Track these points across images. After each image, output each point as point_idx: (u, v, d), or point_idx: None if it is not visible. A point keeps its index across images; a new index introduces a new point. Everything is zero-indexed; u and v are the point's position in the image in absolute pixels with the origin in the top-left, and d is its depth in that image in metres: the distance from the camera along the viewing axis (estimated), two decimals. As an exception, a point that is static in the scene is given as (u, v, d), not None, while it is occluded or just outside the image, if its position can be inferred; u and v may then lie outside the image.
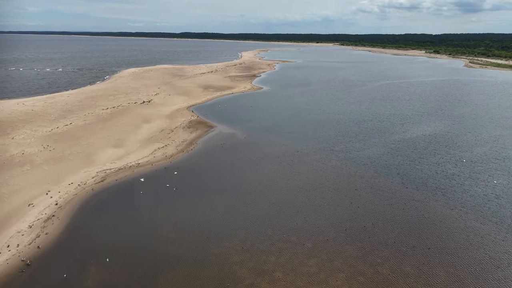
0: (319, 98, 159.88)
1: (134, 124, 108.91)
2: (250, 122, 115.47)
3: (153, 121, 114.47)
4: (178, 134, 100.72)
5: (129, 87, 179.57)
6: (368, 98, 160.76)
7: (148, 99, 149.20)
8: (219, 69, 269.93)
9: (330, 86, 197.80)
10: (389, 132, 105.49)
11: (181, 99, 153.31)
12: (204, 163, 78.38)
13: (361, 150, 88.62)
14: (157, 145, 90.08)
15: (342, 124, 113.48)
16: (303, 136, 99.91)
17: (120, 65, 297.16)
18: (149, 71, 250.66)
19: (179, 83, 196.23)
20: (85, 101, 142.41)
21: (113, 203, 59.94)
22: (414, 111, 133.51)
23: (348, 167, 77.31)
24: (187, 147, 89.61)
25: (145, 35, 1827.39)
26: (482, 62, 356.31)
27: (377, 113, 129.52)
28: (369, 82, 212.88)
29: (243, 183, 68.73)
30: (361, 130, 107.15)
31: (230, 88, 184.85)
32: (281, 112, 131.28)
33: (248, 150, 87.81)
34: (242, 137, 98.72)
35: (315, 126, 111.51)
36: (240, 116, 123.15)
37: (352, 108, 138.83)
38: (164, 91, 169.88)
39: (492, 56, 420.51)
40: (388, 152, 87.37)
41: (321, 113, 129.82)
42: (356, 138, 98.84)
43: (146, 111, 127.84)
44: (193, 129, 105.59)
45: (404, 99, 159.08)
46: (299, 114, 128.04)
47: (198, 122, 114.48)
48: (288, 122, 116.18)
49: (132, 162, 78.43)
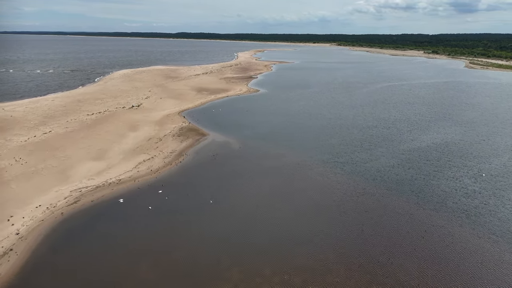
0: (319, 101, 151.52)
1: (119, 133, 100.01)
2: (246, 128, 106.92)
3: (140, 128, 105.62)
4: (166, 143, 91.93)
5: (119, 90, 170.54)
6: (370, 101, 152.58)
7: (138, 103, 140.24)
8: (214, 70, 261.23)
9: (329, 88, 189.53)
10: (396, 140, 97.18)
11: (172, 103, 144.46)
12: (193, 179, 69.66)
13: (369, 161, 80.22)
14: (143, 157, 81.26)
15: (345, 131, 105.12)
16: (304, 145, 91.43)
17: (113, 66, 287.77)
18: (141, 72, 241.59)
19: (172, 86, 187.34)
20: (70, 105, 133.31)
21: (83, 232, 51.09)
22: (421, 116, 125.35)
23: (355, 182, 68.86)
24: (175, 159, 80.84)
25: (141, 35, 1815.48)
26: (482, 63, 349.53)
27: (381, 119, 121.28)
28: (370, 84, 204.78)
29: (236, 205, 60.11)
30: (366, 137, 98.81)
31: (225, 90, 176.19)
32: (279, 117, 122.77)
33: (243, 162, 79.19)
34: (237, 146, 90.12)
35: (316, 133, 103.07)
36: (235, 122, 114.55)
37: (354, 112, 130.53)
38: (155, 94, 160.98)
39: (492, 57, 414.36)
40: (399, 164, 79.01)
41: (321, 118, 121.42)
42: (362, 147, 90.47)
43: (134, 116, 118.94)
44: (184, 138, 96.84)
45: (408, 102, 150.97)
46: (298, 119, 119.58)
47: (190, 129, 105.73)
48: (287, 129, 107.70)
49: (112, 178, 69.61)
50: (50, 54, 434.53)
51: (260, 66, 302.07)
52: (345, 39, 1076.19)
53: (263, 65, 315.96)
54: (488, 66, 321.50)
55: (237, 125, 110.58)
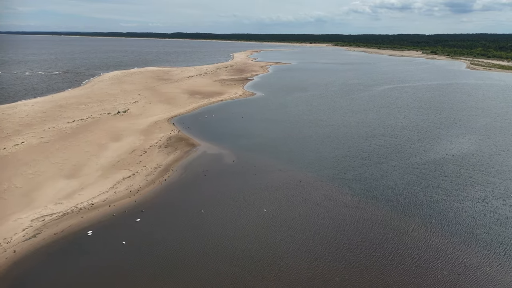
0: (319, 106, 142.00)
1: (100, 143, 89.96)
2: (241, 138, 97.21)
3: (124, 138, 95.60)
4: (151, 156, 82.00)
5: (106, 93, 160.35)
6: (373, 106, 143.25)
7: (124, 108, 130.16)
8: (208, 72, 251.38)
9: (329, 91, 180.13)
10: (407, 151, 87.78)
11: (162, 108, 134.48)
12: (178, 203, 59.83)
13: (380, 178, 70.72)
14: (123, 174, 71.34)
15: (350, 140, 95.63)
16: (305, 158, 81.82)
17: (104, 67, 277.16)
18: (132, 74, 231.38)
19: (163, 89, 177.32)
20: (51, 111, 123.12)
21: (36, 281, 41.14)
22: (430, 123, 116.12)
23: (367, 206, 59.31)
24: (159, 176, 70.95)
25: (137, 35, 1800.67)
26: (484, 64, 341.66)
27: (388, 125, 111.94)
28: (371, 87, 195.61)
29: (228, 239, 50.37)
30: (374, 148, 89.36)
31: (220, 94, 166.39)
32: (276, 124, 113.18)
33: (237, 180, 69.44)
34: (230, 159, 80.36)
35: (317, 143, 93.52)
36: (229, 130, 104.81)
37: (358, 118, 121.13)
38: (144, 98, 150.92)
39: (492, 57, 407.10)
40: (414, 181, 69.55)
41: (323, 125, 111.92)
42: (370, 160, 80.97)
43: (119, 124, 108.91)
44: (171, 149, 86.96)
45: (414, 107, 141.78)
46: (298, 126, 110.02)
47: (179, 138, 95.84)
48: (286, 138, 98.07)
49: (84, 201, 59.65)
50: (44, 54, 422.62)
51: (256, 67, 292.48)
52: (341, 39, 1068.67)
53: (260, 66, 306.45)
54: (490, 67, 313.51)
55: (231, 134, 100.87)
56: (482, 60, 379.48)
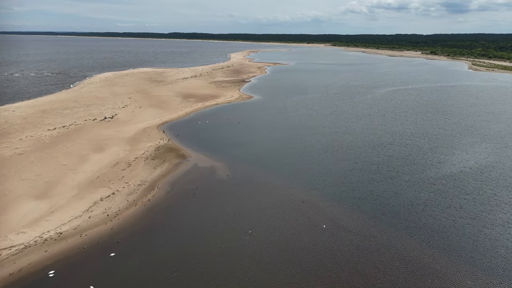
0: (320, 110, 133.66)
1: (80, 155, 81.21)
2: (236, 148, 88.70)
3: (108, 148, 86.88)
4: (136, 170, 73.36)
5: (95, 97, 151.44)
6: (378, 110, 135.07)
7: (112, 113, 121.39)
8: (204, 73, 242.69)
9: (329, 94, 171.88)
10: (420, 163, 79.53)
11: (153, 113, 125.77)
12: (161, 232, 51.27)
13: (393, 196, 62.41)
14: (101, 193, 62.69)
15: (356, 150, 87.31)
16: (308, 172, 73.42)
17: (97, 68, 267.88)
18: (124, 76, 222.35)
19: (155, 91, 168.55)
20: (32, 117, 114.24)
21: None
22: (440, 129, 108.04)
23: (383, 234, 50.95)
24: (143, 195, 62.35)
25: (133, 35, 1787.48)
26: (485, 64, 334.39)
27: (395, 133, 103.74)
28: (373, 89, 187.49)
29: (219, 280, 41.88)
30: (383, 160, 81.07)
31: (215, 97, 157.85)
32: (275, 131, 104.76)
33: (231, 200, 60.94)
34: (224, 174, 71.86)
35: (321, 153, 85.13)
36: (223, 139, 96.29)
37: (362, 124, 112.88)
38: (134, 102, 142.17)
39: (493, 58, 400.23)
40: (432, 200, 61.26)
41: (325, 132, 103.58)
42: (380, 174, 72.66)
43: (104, 132, 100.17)
44: (159, 162, 78.35)
45: (420, 111, 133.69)
46: (299, 134, 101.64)
47: (168, 149, 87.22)
48: (286, 148, 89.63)
49: (52, 229, 51.01)
50: (37, 55, 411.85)
51: (253, 68, 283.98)
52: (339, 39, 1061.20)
53: (257, 67, 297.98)
54: (493, 68, 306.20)
55: (226, 143, 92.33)
56: (483, 61, 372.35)
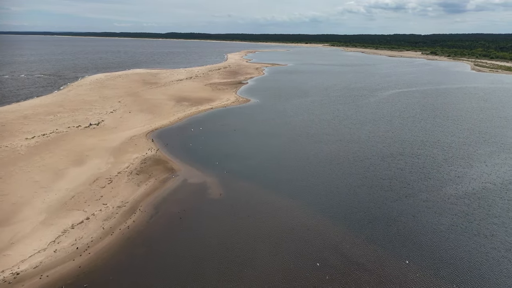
0: (322, 115, 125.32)
1: (57, 169, 72.58)
2: (231, 159, 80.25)
3: (89, 160, 78.25)
4: (117, 188, 64.80)
5: (82, 100, 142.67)
6: (383, 114, 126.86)
7: (98, 119, 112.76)
8: (199, 75, 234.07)
9: (331, 96, 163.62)
10: (436, 177, 71.29)
11: (143, 118, 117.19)
12: (140, 270, 42.74)
13: (412, 221, 54.04)
14: (73, 218, 54.11)
15: (364, 162, 78.96)
16: (312, 190, 65.04)
17: (91, 69, 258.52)
18: (117, 77, 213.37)
19: (148, 94, 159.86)
20: (11, 124, 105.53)
21: None
22: (452, 137, 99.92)
23: (410, 277, 42.59)
24: (122, 220, 53.79)
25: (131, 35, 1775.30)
26: (488, 65, 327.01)
27: (404, 141, 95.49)
28: (376, 91, 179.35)
29: None
30: (395, 174, 72.75)
31: (210, 100, 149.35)
32: (274, 140, 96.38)
33: (224, 227, 52.47)
34: (217, 192, 63.41)
35: (325, 166, 76.78)
36: (217, 148, 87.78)
37: (368, 131, 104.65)
38: (124, 106, 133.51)
39: (495, 58, 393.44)
40: (458, 227, 52.97)
41: (328, 141, 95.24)
42: (393, 191, 64.34)
43: (87, 141, 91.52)
44: (144, 177, 69.81)
45: (429, 116, 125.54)
46: (300, 143, 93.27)
47: (156, 161, 78.68)
48: (286, 159, 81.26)
49: (7, 269, 42.35)
50: (32, 55, 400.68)
51: (251, 69, 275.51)
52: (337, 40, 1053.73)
53: (254, 68, 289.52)
54: (496, 68, 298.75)
55: (220, 153, 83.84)
56: (486, 61, 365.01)
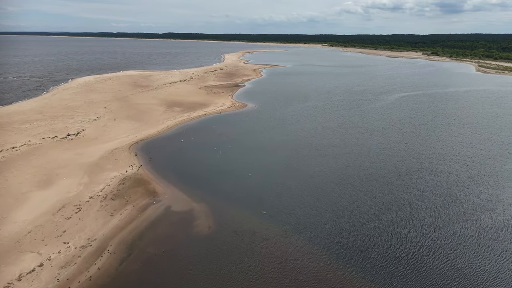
0: (325, 123, 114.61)
1: (18, 193, 61.50)
2: (225, 179, 69.37)
3: (59, 181, 67.22)
4: (86, 219, 53.83)
5: (65, 106, 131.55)
6: (392, 122, 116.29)
7: (79, 129, 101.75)
8: (194, 77, 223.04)
9: (333, 101, 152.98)
10: (465, 202, 60.61)
11: (128, 127, 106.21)
12: None
13: (446, 264, 43.35)
14: (24, 264, 43.14)
15: (378, 182, 68.25)
16: (320, 221, 54.23)
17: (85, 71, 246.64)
18: (107, 80, 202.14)
19: (137, 98, 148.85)
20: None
21: None
22: (473, 148, 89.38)
23: None
24: (84, 267, 42.76)
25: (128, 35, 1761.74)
26: (493, 66, 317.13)
27: (420, 154, 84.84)
28: (381, 95, 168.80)
29: None
30: (416, 196, 62.05)
31: (204, 105, 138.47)
32: (274, 153, 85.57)
33: (212, 275, 41.61)
34: (206, 225, 52.55)
35: (334, 187, 66.03)
36: (209, 165, 76.89)
37: (378, 142, 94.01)
38: (110, 113, 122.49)
39: (499, 59, 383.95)
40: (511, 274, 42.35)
41: (335, 154, 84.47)
42: (418, 221, 53.63)
43: (61, 156, 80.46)
44: (120, 203, 58.86)
45: (442, 123, 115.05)
46: (303, 157, 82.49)
47: (137, 181, 67.74)
48: (287, 178, 70.42)
49: None
50: (27, 56, 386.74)
51: (248, 71, 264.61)
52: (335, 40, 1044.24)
53: (252, 69, 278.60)
54: (502, 70, 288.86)
55: (212, 171, 73.02)
56: (490, 62, 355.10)
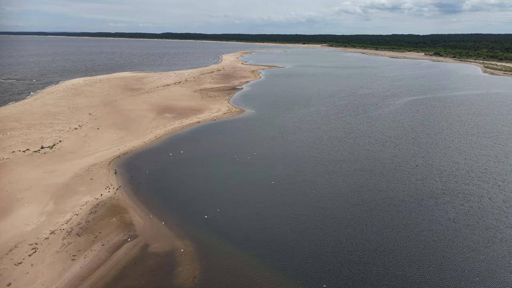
0: (331, 132, 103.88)
1: (-38, 227, 50.53)
2: (216, 206, 58.46)
3: (19, 208, 56.23)
4: (39, 266, 42.88)
5: (47, 112, 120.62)
6: (405, 131, 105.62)
7: (55, 140, 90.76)
8: (190, 79, 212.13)
9: (337, 106, 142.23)
10: (508, 237, 49.84)
11: (112, 137, 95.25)
12: None
13: None
14: None
15: (399, 209, 57.50)
16: (332, 269, 43.46)
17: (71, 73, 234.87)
18: (97, 82, 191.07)
19: (126, 103, 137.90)
20: None
21: None
22: (501, 163, 78.70)
23: None
24: None
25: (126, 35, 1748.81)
26: (500, 67, 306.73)
27: (443, 172, 74.08)
28: (388, 99, 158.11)
29: None
30: (447, 229, 51.28)
31: (198, 111, 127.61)
32: (273, 169, 74.70)
33: None
34: (190, 274, 41.69)
35: (346, 217, 55.27)
36: (197, 187, 65.98)
37: (392, 155, 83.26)
38: (94, 120, 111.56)
39: (504, 60, 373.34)
40: None
41: (345, 171, 73.67)
42: (462, 274, 42.90)
43: (28, 174, 69.48)
44: (87, 241, 47.93)
45: (459, 132, 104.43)
46: (307, 175, 71.67)
47: (111, 208, 56.76)
48: (292, 205, 59.58)
49: None
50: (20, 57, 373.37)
51: (246, 72, 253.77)
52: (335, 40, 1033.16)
53: (250, 70, 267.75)
54: (510, 71, 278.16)
55: (199, 195, 62.15)
56: (495, 63, 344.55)
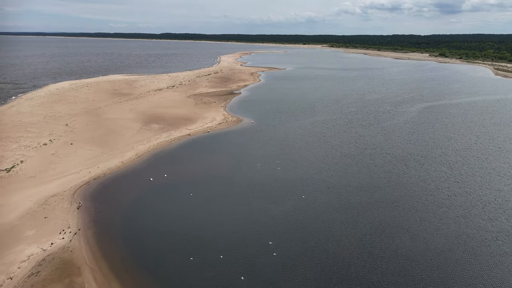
0: (342, 147, 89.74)
1: None
2: (201, 255, 44.34)
3: None
4: None
5: (18, 123, 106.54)
6: (428, 146, 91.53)
7: (16, 160, 76.61)
8: (185, 82, 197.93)
9: (346, 114, 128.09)
10: None
11: (86, 155, 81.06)
12: None
13: None
14: None
15: (435, 252, 43.42)
16: None
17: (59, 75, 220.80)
18: (83, 86, 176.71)
19: (111, 112, 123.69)
20: None
21: None
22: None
23: None
24: None
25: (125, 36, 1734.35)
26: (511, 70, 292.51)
27: (487, 204, 60.10)
28: (400, 106, 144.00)
29: None
30: None
31: (190, 121, 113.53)
32: (279, 205, 60.58)
33: None
34: None
35: (374, 267, 41.18)
36: (179, 228, 51.82)
37: (419, 180, 69.21)
38: (70, 133, 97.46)
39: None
40: None
41: (365, 207, 59.58)
42: None
43: (-34, 210, 55.26)
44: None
45: (492, 149, 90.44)
46: (319, 206, 57.63)
47: (61, 267, 42.56)
48: (300, 260, 45.51)
49: None
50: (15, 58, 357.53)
51: (245, 75, 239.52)
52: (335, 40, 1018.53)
53: (249, 72, 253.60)
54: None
55: (182, 241, 47.96)
56: (505, 65, 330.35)
